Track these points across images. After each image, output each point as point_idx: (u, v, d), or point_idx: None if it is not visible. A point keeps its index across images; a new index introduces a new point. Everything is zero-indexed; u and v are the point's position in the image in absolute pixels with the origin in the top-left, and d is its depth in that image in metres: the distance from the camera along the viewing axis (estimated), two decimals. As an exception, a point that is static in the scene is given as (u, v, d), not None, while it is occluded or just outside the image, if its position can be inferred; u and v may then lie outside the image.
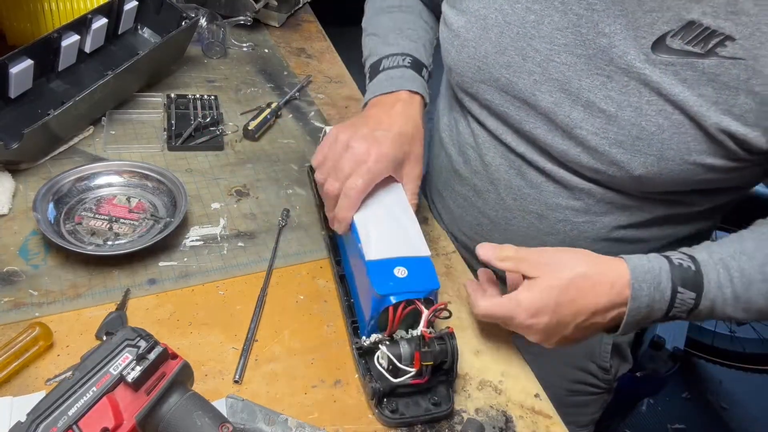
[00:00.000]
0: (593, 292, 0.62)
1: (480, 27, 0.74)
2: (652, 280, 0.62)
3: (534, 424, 0.66)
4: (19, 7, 1.00)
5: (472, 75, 0.77)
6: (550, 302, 0.62)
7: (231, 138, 0.97)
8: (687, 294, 0.62)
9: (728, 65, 0.60)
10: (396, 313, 0.61)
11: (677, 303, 0.62)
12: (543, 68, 0.70)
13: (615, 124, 0.67)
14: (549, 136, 0.72)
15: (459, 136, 0.86)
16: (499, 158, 0.80)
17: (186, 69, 1.11)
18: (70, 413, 0.49)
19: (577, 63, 0.68)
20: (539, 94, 0.71)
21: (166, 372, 0.53)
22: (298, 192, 0.90)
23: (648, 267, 0.62)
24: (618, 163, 0.68)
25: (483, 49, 0.74)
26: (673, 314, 0.63)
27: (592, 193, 0.74)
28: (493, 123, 0.79)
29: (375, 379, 0.62)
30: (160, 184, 0.82)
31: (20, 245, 0.73)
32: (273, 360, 0.67)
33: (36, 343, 0.62)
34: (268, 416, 0.60)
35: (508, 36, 0.72)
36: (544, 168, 0.76)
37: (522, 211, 0.80)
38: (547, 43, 0.69)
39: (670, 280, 0.62)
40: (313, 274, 0.78)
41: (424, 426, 0.63)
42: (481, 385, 0.69)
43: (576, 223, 0.78)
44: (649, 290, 0.62)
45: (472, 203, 0.86)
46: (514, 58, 0.72)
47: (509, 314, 0.64)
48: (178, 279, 0.73)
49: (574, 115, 0.69)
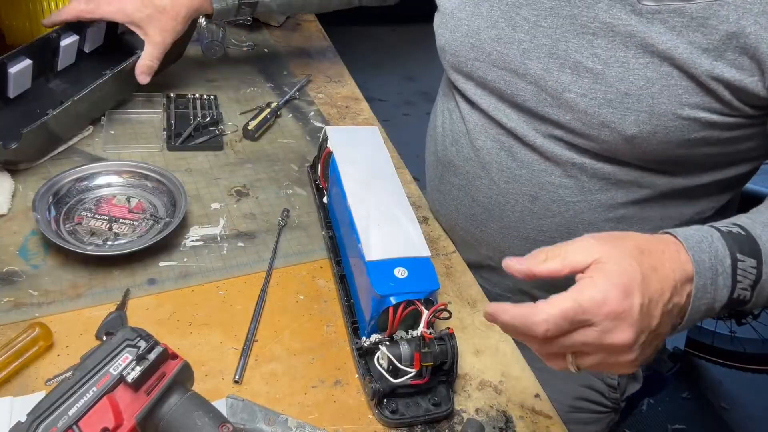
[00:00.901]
0: (666, 261, 0.51)
1: (472, 4, 0.76)
2: (709, 249, 0.52)
3: (534, 425, 0.66)
4: (18, 6, 1.00)
5: (466, 53, 0.78)
6: (636, 274, 0.48)
7: (231, 138, 0.97)
8: (748, 261, 0.52)
9: (717, 7, 0.58)
10: (396, 314, 0.61)
11: (739, 275, 0.52)
12: (531, 35, 0.71)
13: (602, 83, 0.66)
14: (540, 105, 0.72)
15: (453, 126, 0.87)
16: (490, 141, 0.80)
17: (185, 69, 1.11)
18: (70, 413, 0.49)
19: (563, 24, 0.68)
20: (528, 63, 0.71)
21: (166, 372, 0.53)
22: (298, 192, 0.89)
23: (700, 236, 0.53)
24: (609, 124, 0.67)
25: (475, 25, 0.76)
26: (737, 294, 0.52)
27: (585, 168, 0.73)
28: (487, 100, 0.79)
29: (375, 380, 0.62)
30: (159, 184, 0.82)
31: (20, 245, 0.73)
32: (273, 360, 0.67)
33: (36, 343, 0.62)
34: (268, 416, 0.60)
35: (498, 9, 0.74)
36: (535, 143, 0.75)
37: (515, 195, 0.79)
38: (534, 9, 0.70)
39: (726, 247, 0.52)
40: (313, 274, 0.78)
41: (424, 426, 0.63)
42: (481, 385, 0.69)
43: (571, 203, 0.76)
44: (711, 261, 0.51)
45: (466, 192, 0.86)
46: (504, 30, 0.73)
47: (586, 306, 0.47)
48: (178, 279, 0.73)
49: (563, 79, 0.69)
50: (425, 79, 3.01)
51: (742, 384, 1.91)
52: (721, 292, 0.52)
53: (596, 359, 0.49)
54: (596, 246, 0.49)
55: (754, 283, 0.53)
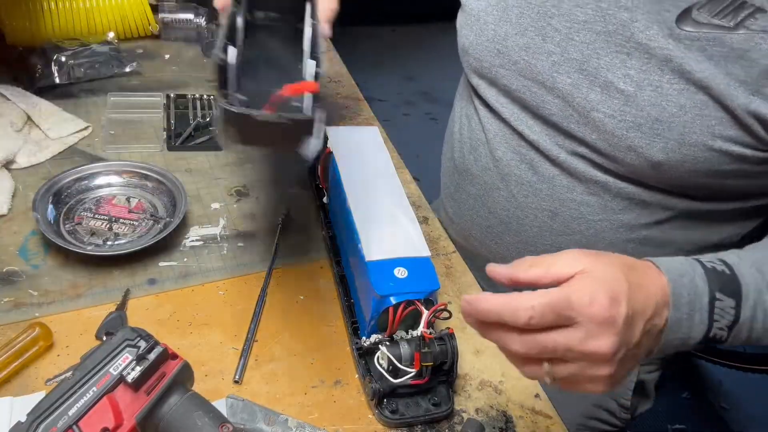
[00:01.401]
0: (650, 281, 0.49)
1: (500, 9, 0.73)
2: (689, 284, 0.50)
3: (534, 425, 0.66)
4: (18, 6, 1.00)
5: (491, 59, 0.75)
6: (623, 283, 0.46)
7: (231, 138, 0.97)
8: (726, 301, 0.51)
9: (759, 40, 0.56)
10: (396, 314, 0.61)
11: (716, 314, 0.50)
12: (562, 48, 0.68)
13: (633, 105, 0.63)
14: (565, 121, 0.70)
15: (471, 133, 0.84)
16: (510, 153, 0.77)
17: (185, 69, 1.11)
18: (70, 413, 0.49)
19: (596, 41, 0.65)
20: (557, 76, 0.69)
21: (166, 372, 0.53)
22: (298, 192, 0.89)
23: (682, 269, 0.51)
24: (636, 148, 0.64)
25: (503, 31, 0.72)
26: (713, 333, 0.50)
27: (608, 187, 0.71)
28: (510, 109, 0.76)
29: (375, 380, 0.62)
30: (159, 184, 0.82)
31: (20, 245, 0.73)
32: (273, 360, 0.67)
33: (36, 343, 0.62)
34: (268, 416, 0.60)
35: (528, 16, 0.70)
36: (557, 158, 0.72)
37: (534, 209, 0.77)
38: (566, 21, 0.67)
39: (707, 284, 0.50)
40: (313, 274, 0.78)
41: (424, 426, 0.63)
42: (481, 385, 0.69)
43: (592, 221, 0.74)
44: (690, 297, 0.49)
45: (482, 203, 0.84)
46: (534, 39, 0.70)
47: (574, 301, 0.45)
48: (178, 279, 0.73)
49: (592, 97, 0.66)
50: (425, 79, 3.01)
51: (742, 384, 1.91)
52: (697, 328, 0.50)
53: (574, 369, 0.46)
54: (582, 258, 0.47)
55: (732, 324, 0.51)
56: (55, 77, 0.97)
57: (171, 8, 1.16)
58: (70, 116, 0.92)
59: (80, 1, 1.05)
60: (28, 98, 0.92)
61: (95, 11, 1.07)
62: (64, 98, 0.96)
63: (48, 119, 0.90)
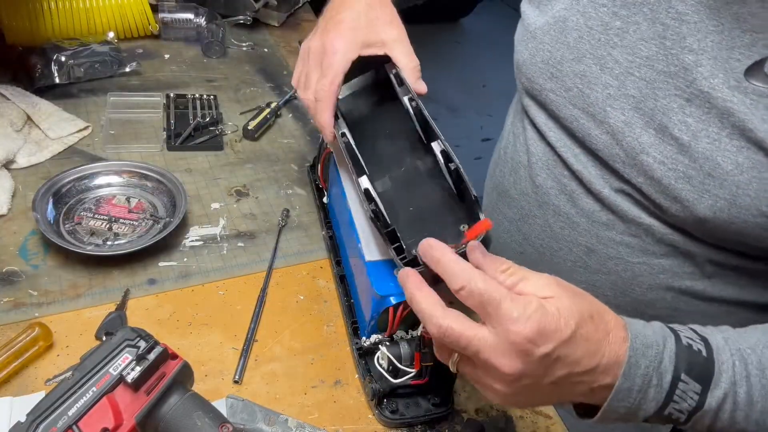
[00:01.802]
0: (605, 339, 0.47)
1: (558, 30, 0.68)
2: (654, 356, 0.47)
3: (534, 425, 0.66)
4: (18, 6, 1.00)
5: (543, 82, 0.70)
6: (566, 328, 0.44)
7: (230, 138, 0.97)
8: (691, 385, 0.47)
9: None
10: (396, 314, 0.61)
11: (677, 396, 0.47)
12: (620, 82, 0.63)
13: (686, 155, 0.58)
14: (612, 159, 0.65)
15: (514, 154, 0.80)
16: (551, 180, 0.73)
17: (185, 68, 1.11)
18: (70, 413, 0.49)
19: (656, 80, 0.60)
20: (610, 111, 0.64)
21: (166, 372, 0.53)
22: (298, 192, 0.89)
23: (651, 340, 0.48)
24: (682, 200, 0.59)
25: (559, 54, 0.68)
26: (669, 412, 0.48)
27: (652, 231, 0.66)
28: (557, 135, 0.72)
29: (375, 380, 0.62)
30: (159, 184, 0.82)
31: (20, 245, 0.73)
32: (273, 360, 0.67)
33: (36, 343, 0.62)
34: (268, 416, 0.60)
35: (587, 42, 0.65)
36: (600, 193, 0.68)
37: (569, 243, 0.73)
38: (628, 54, 0.62)
39: (674, 362, 0.47)
40: (313, 274, 0.78)
41: (424, 426, 0.63)
42: (481, 385, 0.69)
43: (630, 263, 0.69)
44: (647, 370, 0.46)
45: (517, 228, 0.80)
46: (591, 68, 0.65)
47: (508, 310, 0.44)
48: (177, 279, 0.73)
49: (644, 139, 0.61)
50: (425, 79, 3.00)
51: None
52: (649, 403, 0.47)
53: (474, 372, 0.48)
54: (554, 287, 0.46)
55: (694, 410, 0.48)
56: (55, 77, 0.97)
57: (171, 8, 1.16)
58: (70, 116, 0.92)
59: (80, 1, 1.05)
60: (28, 98, 0.92)
61: (95, 11, 1.07)
62: (63, 98, 0.96)
63: (48, 119, 0.90)
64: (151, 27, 1.13)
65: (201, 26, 1.17)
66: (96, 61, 1.01)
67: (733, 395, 0.48)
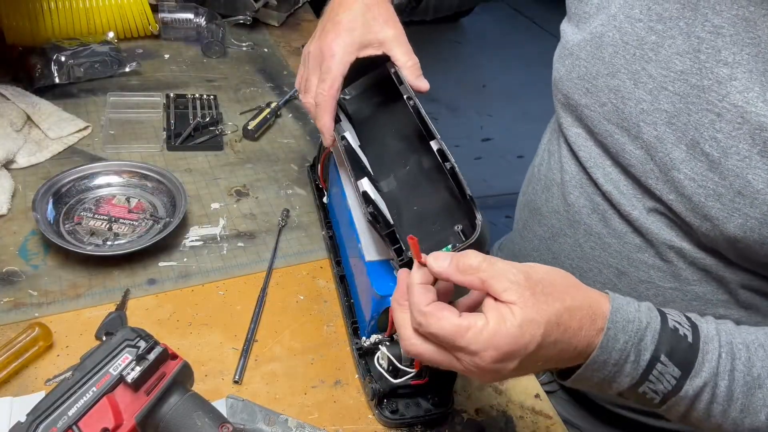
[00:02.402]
0: (577, 334, 0.46)
1: (594, 45, 0.67)
2: (634, 333, 0.47)
3: (534, 425, 0.66)
4: (18, 6, 1.00)
5: (579, 97, 0.70)
6: (531, 343, 0.44)
7: (230, 138, 0.97)
8: (670, 368, 0.47)
9: None
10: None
11: (653, 376, 0.47)
12: (653, 96, 0.62)
13: (716, 172, 0.57)
14: (645, 175, 0.64)
15: (548, 171, 0.80)
16: (583, 199, 0.73)
17: (185, 68, 1.11)
18: (70, 413, 0.48)
19: (689, 94, 0.59)
20: (644, 126, 0.63)
21: (166, 372, 0.53)
22: (298, 192, 0.89)
23: (634, 316, 0.48)
24: (712, 218, 0.58)
25: (594, 70, 0.67)
26: (643, 391, 0.48)
27: (684, 254, 0.65)
28: (589, 153, 0.71)
29: (375, 380, 0.62)
30: (159, 184, 0.82)
31: (20, 245, 0.73)
32: (273, 360, 0.67)
33: (36, 343, 0.62)
34: (268, 416, 0.60)
35: (622, 57, 0.65)
36: (631, 214, 0.67)
37: (600, 264, 0.72)
38: (662, 69, 0.61)
39: (655, 343, 0.47)
40: (313, 274, 0.78)
41: (424, 427, 0.63)
42: (481, 385, 0.69)
43: (662, 288, 0.68)
44: (625, 345, 0.47)
45: (547, 246, 0.79)
46: (625, 83, 0.65)
47: (467, 345, 0.44)
48: (177, 279, 0.73)
49: (675, 155, 0.60)
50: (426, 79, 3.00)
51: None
52: (624, 378, 0.47)
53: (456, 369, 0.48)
54: (520, 289, 0.44)
55: (669, 393, 0.48)
56: (54, 77, 0.97)
57: (171, 8, 1.16)
58: (70, 116, 0.92)
59: (80, 1, 1.05)
60: (27, 98, 0.92)
61: (95, 11, 1.07)
62: (63, 98, 0.96)
63: (48, 119, 0.90)
64: (151, 27, 1.13)
65: (201, 26, 1.17)
66: (96, 61, 1.01)
67: (712, 387, 0.48)
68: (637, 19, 0.63)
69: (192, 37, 1.18)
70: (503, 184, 2.60)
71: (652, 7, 0.62)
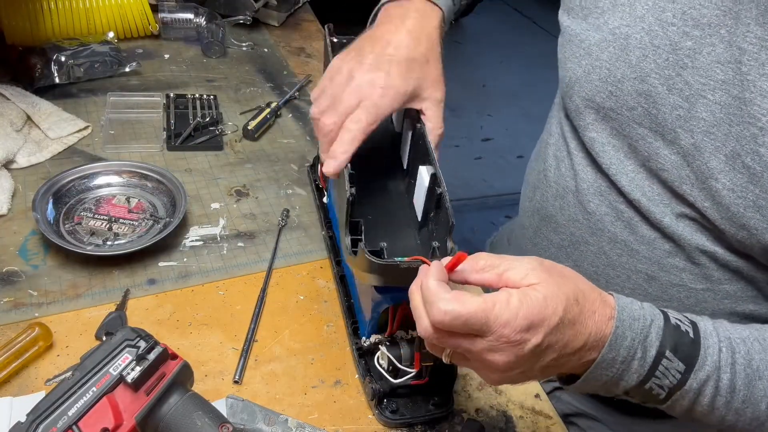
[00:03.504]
0: (591, 318, 0.48)
1: (619, 47, 0.65)
2: (640, 331, 0.49)
3: (534, 425, 0.66)
4: (18, 6, 1.00)
5: (601, 101, 0.67)
6: (555, 315, 0.46)
7: (230, 138, 0.97)
8: (675, 363, 0.49)
9: None
10: (396, 314, 0.61)
11: (659, 372, 0.49)
12: (690, 104, 0.60)
13: (758, 185, 0.56)
14: (678, 180, 0.63)
15: (559, 178, 0.77)
16: (605, 207, 0.70)
17: (185, 68, 1.11)
18: (70, 413, 0.48)
19: (730, 105, 0.57)
20: (681, 132, 0.61)
21: (166, 372, 0.53)
22: (298, 192, 0.89)
23: (639, 314, 0.50)
24: (750, 228, 0.58)
25: (619, 73, 0.65)
26: (650, 387, 0.49)
27: (715, 257, 0.64)
28: (612, 157, 0.69)
29: (375, 380, 0.62)
30: (159, 184, 0.82)
31: (20, 245, 0.73)
32: (273, 360, 0.67)
33: (36, 343, 0.62)
34: (268, 416, 0.60)
35: (652, 61, 0.62)
36: (661, 221, 0.66)
37: (628, 270, 0.70)
38: (701, 77, 0.59)
39: (660, 339, 0.49)
40: (313, 274, 0.78)
41: (424, 426, 0.63)
42: (481, 385, 0.69)
43: (694, 290, 0.67)
44: (632, 342, 0.48)
45: (567, 254, 0.76)
46: (657, 88, 0.62)
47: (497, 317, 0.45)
48: (177, 279, 0.73)
49: (713, 164, 0.59)
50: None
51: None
52: (631, 375, 0.49)
53: (468, 363, 0.50)
54: (538, 272, 0.47)
55: (674, 387, 0.49)
56: (54, 77, 0.97)
57: (171, 8, 1.16)
58: (70, 116, 0.92)
59: (80, 1, 1.05)
60: (27, 98, 0.92)
61: (95, 11, 1.07)
62: (63, 98, 0.96)
63: (48, 119, 0.90)
64: (151, 27, 1.13)
65: (201, 26, 1.17)
66: (96, 61, 1.01)
67: (716, 380, 0.49)
68: (669, 22, 0.61)
69: (192, 37, 1.18)
70: (503, 184, 2.60)
71: (687, 11, 0.60)
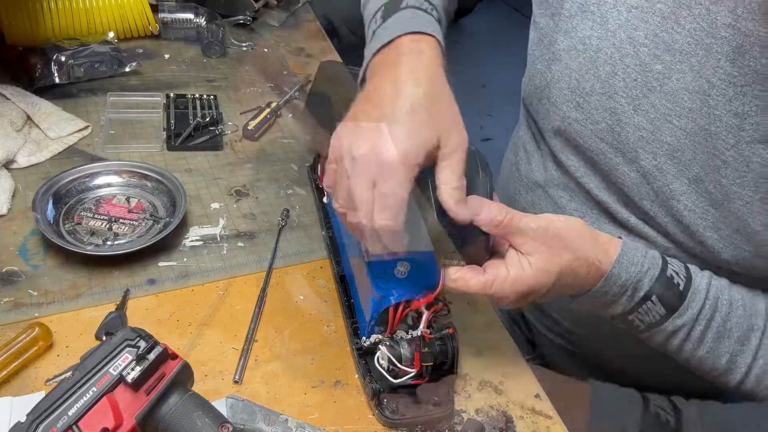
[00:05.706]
0: (587, 277, 0.56)
1: (588, 59, 0.64)
2: (634, 275, 0.56)
3: (534, 425, 0.66)
4: (18, 6, 1.00)
5: (567, 110, 0.67)
6: (544, 287, 0.55)
7: (230, 138, 0.97)
8: (657, 307, 0.57)
9: None
10: (396, 314, 0.61)
11: (642, 309, 0.57)
12: (655, 127, 0.61)
13: (718, 210, 0.58)
14: (638, 196, 0.65)
15: (529, 173, 0.77)
16: (574, 203, 0.72)
17: (185, 68, 1.11)
18: (70, 413, 0.49)
19: (697, 133, 0.58)
20: (642, 153, 0.62)
21: (166, 372, 0.53)
22: (298, 192, 0.89)
23: (639, 260, 0.57)
24: (708, 246, 0.61)
25: (588, 86, 0.65)
26: (632, 319, 0.58)
27: (677, 257, 0.65)
28: (575, 164, 0.70)
29: (375, 380, 0.62)
30: (159, 184, 0.82)
31: (20, 245, 0.73)
32: (273, 360, 0.67)
33: (36, 343, 0.62)
34: (268, 416, 0.60)
35: (621, 79, 0.62)
36: (627, 222, 0.68)
37: None
38: (668, 102, 0.59)
39: (651, 285, 0.57)
40: (313, 274, 0.78)
41: (424, 426, 0.63)
42: (481, 385, 0.69)
43: None
44: (625, 283, 0.56)
45: None
46: (623, 107, 0.63)
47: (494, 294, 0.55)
48: (177, 279, 0.73)
49: (675, 187, 0.61)
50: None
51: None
52: (618, 306, 0.58)
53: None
54: (537, 245, 0.55)
55: (652, 324, 0.58)
56: (54, 77, 0.97)
57: (171, 8, 1.16)
58: (70, 116, 0.92)
59: (80, 1, 1.05)
60: (27, 98, 0.92)
61: (95, 11, 1.07)
62: (63, 98, 0.96)
63: (48, 119, 0.90)
64: (151, 27, 1.13)
65: (201, 26, 1.17)
66: (96, 61, 1.01)
67: (689, 328, 0.58)
68: (641, 42, 0.61)
69: (192, 37, 1.17)
70: (503, 184, 2.60)
71: (659, 33, 0.59)
